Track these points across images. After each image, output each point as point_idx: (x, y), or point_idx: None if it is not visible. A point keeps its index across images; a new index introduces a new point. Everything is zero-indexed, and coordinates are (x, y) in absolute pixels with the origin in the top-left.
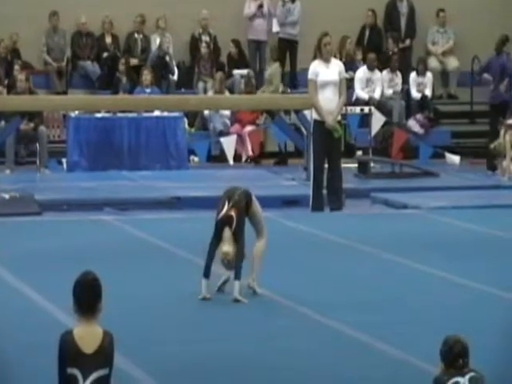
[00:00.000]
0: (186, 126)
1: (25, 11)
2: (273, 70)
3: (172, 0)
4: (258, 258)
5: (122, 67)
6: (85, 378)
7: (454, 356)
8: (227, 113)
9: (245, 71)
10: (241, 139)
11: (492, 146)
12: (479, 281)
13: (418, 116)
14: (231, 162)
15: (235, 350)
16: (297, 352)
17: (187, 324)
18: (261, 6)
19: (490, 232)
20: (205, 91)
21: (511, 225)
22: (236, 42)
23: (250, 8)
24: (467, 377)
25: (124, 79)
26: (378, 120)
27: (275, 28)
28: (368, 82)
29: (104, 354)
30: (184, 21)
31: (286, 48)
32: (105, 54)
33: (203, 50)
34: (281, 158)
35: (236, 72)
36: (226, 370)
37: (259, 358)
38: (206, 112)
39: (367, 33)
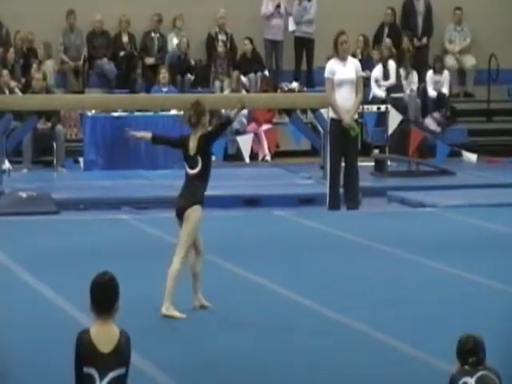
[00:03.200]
0: None
1: (41, 10)
2: None
3: None
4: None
5: (138, 66)
6: (101, 377)
7: (466, 353)
8: (244, 111)
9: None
10: (257, 138)
11: None
12: (495, 279)
13: (435, 114)
14: (247, 160)
15: (249, 347)
16: (312, 350)
17: (203, 322)
18: (278, 6)
19: (506, 231)
20: (221, 90)
21: None
22: (251, 40)
23: (267, 7)
24: (475, 377)
25: (140, 78)
26: (394, 118)
27: (291, 27)
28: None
29: (120, 354)
30: (201, 20)
31: (303, 47)
32: (121, 53)
33: (220, 49)
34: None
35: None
36: (240, 368)
37: (275, 356)
38: (223, 111)
39: (386, 31)
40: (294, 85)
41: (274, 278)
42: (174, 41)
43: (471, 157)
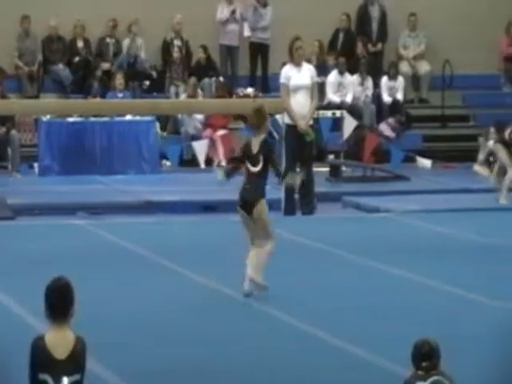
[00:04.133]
0: (158, 130)
1: None
2: None
3: (145, 4)
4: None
5: (94, 72)
6: (56, 383)
7: (421, 358)
8: (199, 117)
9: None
10: (213, 143)
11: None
12: (451, 284)
13: (390, 120)
14: (203, 166)
15: (208, 352)
16: (271, 353)
17: (159, 327)
18: (234, 12)
19: (461, 235)
20: (177, 95)
21: (482, 228)
22: (204, 48)
23: (223, 13)
24: (429, 381)
25: (96, 84)
26: (349, 124)
27: (247, 32)
28: (340, 86)
29: (76, 360)
30: (157, 25)
31: (258, 52)
32: (76, 59)
33: (175, 54)
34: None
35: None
36: (198, 373)
37: (232, 360)
38: (179, 116)
39: (341, 37)
40: (250, 90)
41: (230, 283)
42: (128, 46)
43: (426, 162)
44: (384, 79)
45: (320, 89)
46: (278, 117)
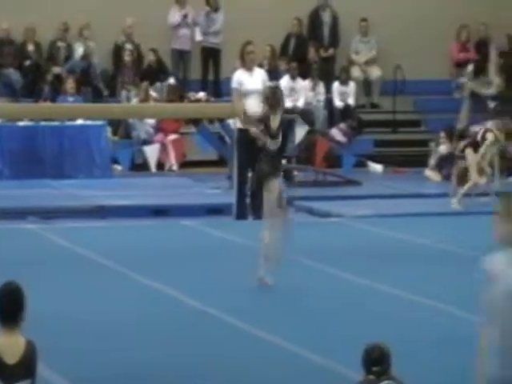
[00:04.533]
0: (110, 134)
1: None
2: None
3: (96, 8)
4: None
5: (44, 75)
6: None
7: (371, 362)
8: (151, 121)
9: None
10: (164, 148)
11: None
12: (400, 288)
13: (341, 125)
14: (154, 170)
15: (157, 357)
16: (223, 359)
17: (110, 332)
18: (185, 16)
19: (411, 240)
20: (128, 99)
21: (433, 233)
22: (154, 51)
23: (174, 17)
24: None
25: (47, 87)
26: (301, 129)
27: (198, 37)
28: (291, 90)
29: (27, 364)
30: (108, 29)
31: (210, 57)
32: (27, 62)
33: (126, 58)
34: None
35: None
36: (151, 378)
37: (173, 366)
38: (130, 120)
39: (293, 41)
40: (201, 95)
41: (181, 287)
42: (80, 50)
43: (377, 167)
44: (335, 84)
45: None
46: (229, 121)
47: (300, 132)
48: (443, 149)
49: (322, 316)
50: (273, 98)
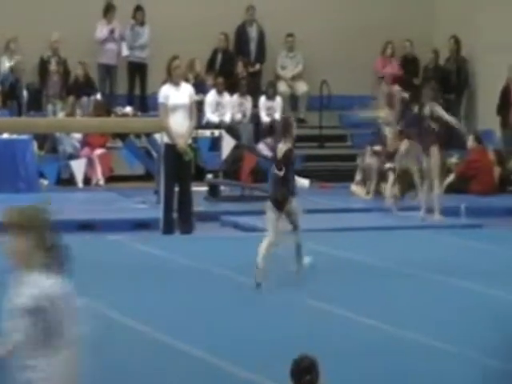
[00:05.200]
0: (36, 148)
1: None
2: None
3: (23, 21)
4: None
5: None
6: None
7: (301, 372)
8: (77, 136)
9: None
10: (91, 162)
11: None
12: (317, 299)
13: (268, 140)
14: (81, 185)
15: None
16: (147, 374)
17: None
18: (112, 31)
19: (338, 254)
20: (54, 114)
21: (358, 247)
22: (83, 65)
23: (101, 32)
24: None
25: None
26: (228, 143)
27: (124, 51)
28: (218, 105)
29: None
30: (34, 42)
31: (136, 71)
32: None
33: (52, 72)
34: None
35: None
36: None
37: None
38: (57, 134)
39: (219, 56)
40: (128, 109)
41: (108, 303)
42: (5, 63)
43: (304, 182)
44: (262, 99)
45: (199, 108)
46: (156, 136)
47: (227, 147)
48: (369, 163)
49: (247, 329)
50: (283, 126)
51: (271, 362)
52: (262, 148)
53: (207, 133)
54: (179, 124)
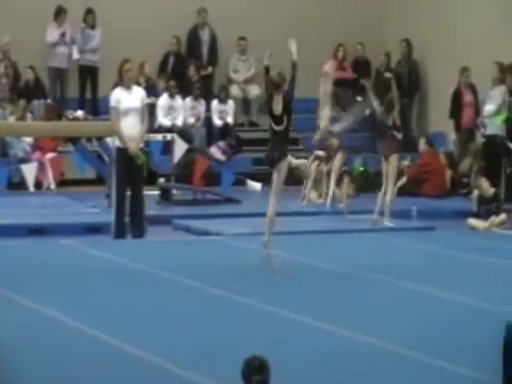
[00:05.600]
0: None
1: None
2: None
3: None
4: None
5: None
6: None
7: (252, 372)
8: (28, 139)
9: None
10: (42, 166)
11: (302, 167)
12: (274, 305)
13: (220, 143)
14: (32, 189)
15: (31, 377)
16: (98, 378)
17: None
18: (63, 34)
19: (290, 257)
20: (4, 117)
21: (312, 250)
22: (32, 68)
23: (52, 35)
24: None
25: None
26: (180, 147)
27: (75, 55)
28: (170, 109)
29: None
30: None
31: (87, 75)
32: None
33: (2, 75)
34: None
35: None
36: None
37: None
38: (7, 138)
39: (171, 60)
40: (79, 113)
41: (59, 307)
42: None
43: (256, 185)
44: (214, 102)
45: (151, 112)
46: (108, 140)
47: (179, 150)
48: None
49: (200, 333)
50: (279, 78)
51: (224, 366)
52: (215, 152)
53: (159, 136)
54: (131, 128)
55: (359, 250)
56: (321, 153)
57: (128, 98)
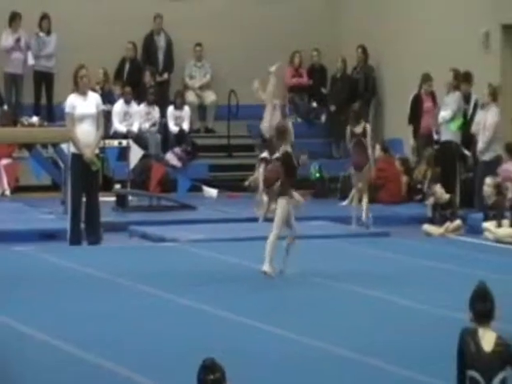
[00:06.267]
0: None
1: None
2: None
3: None
4: None
5: None
6: None
7: (204, 371)
8: None
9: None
10: None
11: (246, 183)
12: (231, 310)
13: (176, 149)
14: None
15: None
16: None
17: None
18: (18, 40)
19: (244, 263)
20: None
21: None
22: None
23: (7, 41)
24: None
25: None
26: (136, 153)
27: (30, 61)
28: (126, 115)
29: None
30: None
31: (42, 81)
32: None
33: None
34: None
35: None
36: None
37: None
38: None
39: (127, 66)
40: (35, 119)
41: (14, 314)
42: None
43: (212, 191)
44: (170, 109)
45: (106, 118)
46: (63, 146)
47: (134, 157)
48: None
49: (154, 339)
50: (281, 134)
51: (180, 372)
52: (171, 158)
53: (115, 142)
54: (86, 134)
55: (313, 257)
56: (266, 155)
57: (83, 104)
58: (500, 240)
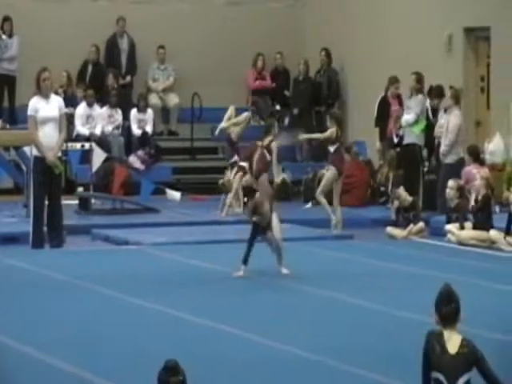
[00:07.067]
0: None
1: None
2: None
3: None
4: None
5: None
6: None
7: (167, 373)
8: None
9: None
10: None
11: (220, 182)
12: (198, 314)
13: (139, 152)
14: None
15: None
16: None
17: None
18: None
19: (208, 266)
20: None
21: (228, 259)
22: None
23: None
24: None
25: None
26: (98, 156)
27: None
28: (88, 118)
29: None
30: None
31: (5, 84)
32: None
33: None
34: None
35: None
36: None
37: None
38: None
39: (90, 68)
40: None
41: None
42: None
43: (175, 194)
44: (133, 111)
45: (69, 121)
46: (25, 149)
47: (97, 159)
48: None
49: (116, 341)
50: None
51: (138, 374)
52: (134, 161)
53: (77, 145)
54: (49, 137)
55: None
56: (244, 164)
57: (46, 107)
58: (462, 242)
